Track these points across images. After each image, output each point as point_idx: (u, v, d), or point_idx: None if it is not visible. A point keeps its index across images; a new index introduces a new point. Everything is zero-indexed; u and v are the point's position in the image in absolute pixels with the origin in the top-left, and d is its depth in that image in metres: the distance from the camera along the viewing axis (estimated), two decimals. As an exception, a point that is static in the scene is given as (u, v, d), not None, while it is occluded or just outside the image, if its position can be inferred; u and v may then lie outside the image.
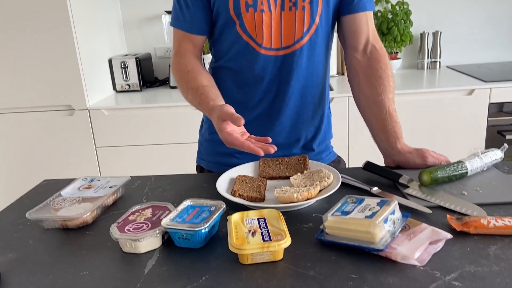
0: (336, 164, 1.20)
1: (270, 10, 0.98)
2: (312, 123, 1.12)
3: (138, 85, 2.43)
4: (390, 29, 2.44)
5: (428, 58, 2.57)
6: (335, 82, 2.39)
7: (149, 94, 2.39)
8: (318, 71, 1.07)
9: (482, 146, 2.14)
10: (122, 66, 2.39)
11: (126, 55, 2.48)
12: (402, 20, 2.45)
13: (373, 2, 1.08)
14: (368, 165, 0.98)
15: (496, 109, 2.11)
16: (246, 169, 0.99)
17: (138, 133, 2.18)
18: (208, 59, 2.40)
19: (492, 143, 2.11)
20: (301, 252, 0.68)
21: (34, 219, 0.82)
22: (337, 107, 2.08)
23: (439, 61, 2.56)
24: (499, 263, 0.62)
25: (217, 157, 1.15)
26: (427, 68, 2.58)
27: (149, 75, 2.60)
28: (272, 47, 1.01)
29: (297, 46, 1.01)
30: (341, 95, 2.09)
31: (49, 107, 2.16)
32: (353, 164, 2.05)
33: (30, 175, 2.22)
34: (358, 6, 1.03)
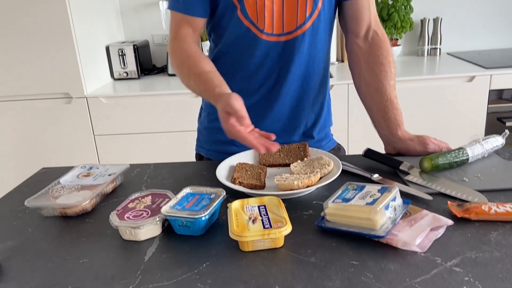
0: (336, 152, 1.19)
1: None
2: (313, 110, 1.11)
3: (136, 73, 2.41)
4: (391, 15, 2.41)
5: (429, 45, 2.55)
6: (335, 69, 2.37)
7: (147, 82, 2.37)
8: (320, 58, 1.06)
9: (482, 133, 2.13)
10: (120, 54, 2.37)
11: (124, 42, 2.45)
12: (403, 6, 2.42)
13: (375, -13, 1.07)
14: (369, 152, 0.97)
15: (496, 96, 2.10)
16: (246, 157, 0.99)
17: (137, 121, 2.17)
18: (207, 46, 2.39)
19: (492, 130, 2.11)
20: (302, 239, 0.68)
21: (33, 207, 0.82)
22: (337, 95, 2.07)
23: (440, 48, 2.54)
24: (500, 249, 0.62)
25: (217, 145, 1.14)
26: (428, 55, 2.56)
27: (147, 63, 2.58)
28: (274, 33, 0.99)
29: (299, 32, 1.00)
30: (341, 82, 2.08)
31: (47, 95, 2.15)
32: (353, 152, 2.04)
33: (29, 163, 2.22)
34: None
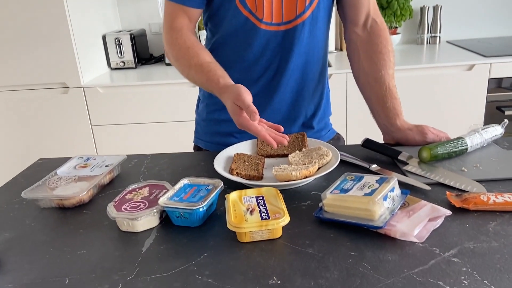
0: (336, 142, 1.19)
1: None
2: (312, 101, 1.10)
3: (133, 62, 2.39)
4: (390, 3, 2.38)
5: (428, 33, 2.53)
6: (333, 58, 2.35)
7: (145, 71, 2.36)
8: (319, 47, 1.05)
9: (481, 122, 2.13)
10: (116, 43, 2.35)
11: (120, 31, 2.42)
12: (402, -6, 2.40)
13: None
14: (367, 142, 0.97)
15: (496, 85, 2.09)
16: (244, 147, 0.98)
17: (134, 111, 2.16)
18: (203, 35, 2.36)
19: (491, 119, 2.11)
20: (300, 230, 0.68)
21: (30, 198, 0.81)
22: (336, 84, 2.06)
23: (439, 36, 2.52)
24: (498, 239, 0.62)
25: (216, 137, 1.13)
26: (427, 43, 2.54)
27: (144, 52, 2.56)
28: (273, 22, 0.97)
29: (299, 21, 0.98)
30: (340, 71, 2.06)
31: (43, 85, 2.13)
32: (352, 141, 2.04)
33: (25, 154, 2.21)
34: None
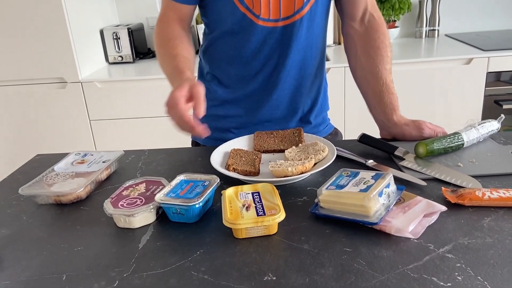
0: (333, 137, 1.19)
1: None
2: (309, 96, 1.10)
3: (131, 57, 2.38)
4: (388, -3, 2.37)
5: (427, 27, 2.51)
6: (332, 52, 2.34)
7: (143, 66, 2.35)
8: (317, 42, 1.04)
9: (479, 116, 2.13)
10: (114, 37, 2.34)
11: (118, 26, 2.41)
12: (401, -13, 2.38)
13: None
14: (364, 138, 0.97)
15: (494, 78, 2.09)
16: (241, 143, 0.98)
17: (133, 106, 2.16)
18: (202, 29, 2.35)
19: (489, 113, 2.11)
20: (295, 226, 0.68)
21: (27, 195, 0.82)
22: (333, 78, 2.05)
23: (438, 30, 2.51)
24: (493, 235, 0.62)
25: (213, 133, 1.11)
26: (425, 37, 2.53)
27: (142, 46, 2.55)
28: (271, 18, 0.96)
29: (297, 17, 0.97)
30: (338, 65, 2.06)
31: (41, 80, 2.12)
32: (349, 136, 2.03)
33: (23, 150, 2.21)
34: None
